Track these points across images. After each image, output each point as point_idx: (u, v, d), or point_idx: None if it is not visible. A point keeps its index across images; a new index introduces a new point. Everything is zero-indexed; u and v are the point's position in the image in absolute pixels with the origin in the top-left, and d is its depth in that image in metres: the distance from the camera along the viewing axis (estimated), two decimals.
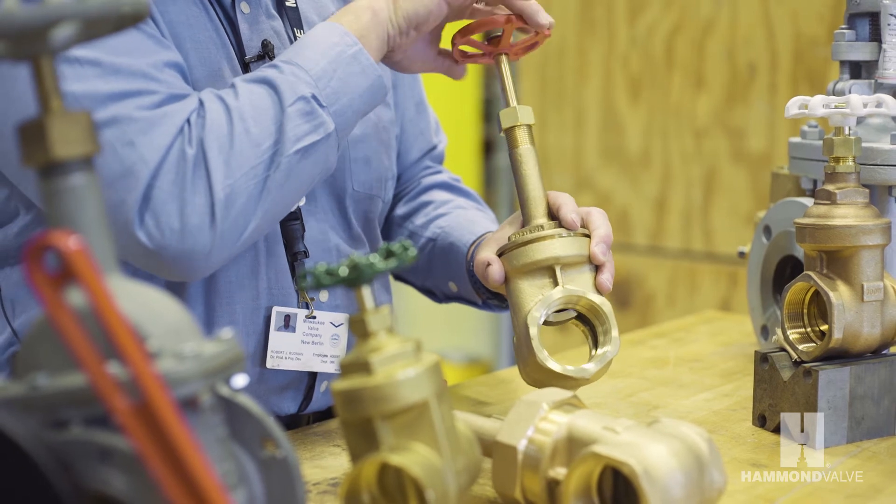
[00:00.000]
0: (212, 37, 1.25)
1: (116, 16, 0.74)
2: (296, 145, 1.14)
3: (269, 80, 1.16)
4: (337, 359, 1.30)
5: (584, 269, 1.20)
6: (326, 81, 1.18)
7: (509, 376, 1.47)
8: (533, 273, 1.19)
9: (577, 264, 1.19)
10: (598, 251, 1.20)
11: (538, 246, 1.19)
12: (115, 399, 0.69)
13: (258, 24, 1.29)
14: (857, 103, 1.17)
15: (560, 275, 1.18)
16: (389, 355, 0.82)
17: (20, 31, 0.70)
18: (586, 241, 1.20)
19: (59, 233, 0.68)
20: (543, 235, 1.19)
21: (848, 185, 1.18)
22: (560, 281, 1.18)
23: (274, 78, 1.17)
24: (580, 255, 1.19)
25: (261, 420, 0.78)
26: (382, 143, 1.40)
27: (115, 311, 0.69)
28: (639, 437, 0.89)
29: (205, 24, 1.24)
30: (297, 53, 1.19)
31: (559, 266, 1.18)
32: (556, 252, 1.18)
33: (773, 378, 1.19)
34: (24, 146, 0.74)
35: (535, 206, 1.23)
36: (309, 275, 0.82)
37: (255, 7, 1.29)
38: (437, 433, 0.83)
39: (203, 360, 0.72)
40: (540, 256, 1.18)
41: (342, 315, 1.30)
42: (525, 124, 1.24)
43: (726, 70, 2.70)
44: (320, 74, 1.18)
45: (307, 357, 1.28)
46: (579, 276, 1.19)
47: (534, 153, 1.24)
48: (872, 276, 1.16)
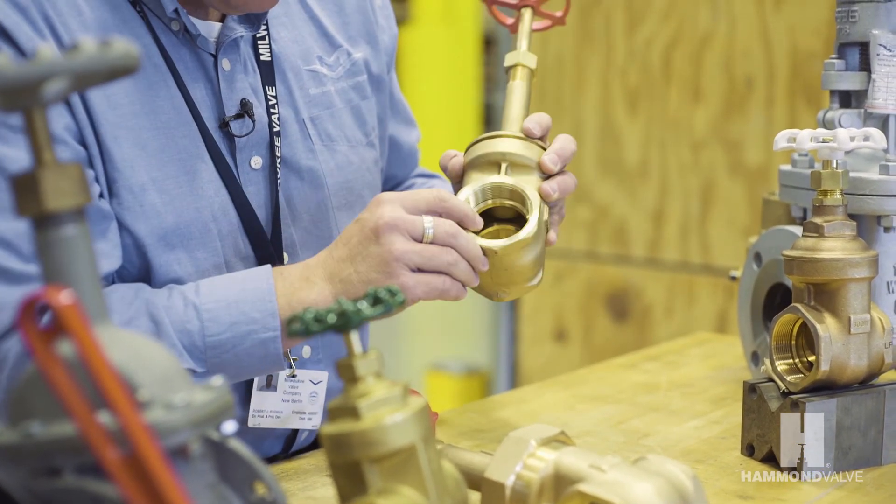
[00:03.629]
0: (175, 103, 1.23)
1: (107, 69, 0.75)
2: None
3: (158, 322, 1.15)
4: (315, 416, 1.32)
5: (533, 175, 1.25)
6: (216, 353, 1.16)
7: (502, 402, 1.48)
8: (482, 166, 1.25)
9: (525, 167, 1.25)
10: (547, 159, 1.24)
11: (489, 142, 1.26)
12: (105, 449, 0.70)
13: (235, 82, 1.28)
14: (844, 138, 1.18)
15: (505, 169, 1.24)
16: (377, 400, 0.83)
17: (12, 86, 0.71)
18: (539, 150, 1.26)
19: (52, 288, 0.70)
20: (498, 134, 1.27)
21: (835, 217, 1.19)
22: (503, 174, 1.24)
23: (162, 322, 1.15)
24: (528, 157, 1.25)
25: (251, 463, 0.80)
26: (367, 185, 1.39)
27: (106, 364, 0.70)
28: (624, 476, 0.90)
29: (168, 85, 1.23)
30: (209, 305, 1.16)
31: (506, 163, 1.24)
32: (502, 148, 1.25)
33: (762, 408, 1.20)
34: (18, 197, 0.75)
35: (510, 123, 1.30)
36: (297, 321, 0.83)
37: (234, 63, 1.28)
38: (425, 476, 0.84)
39: (193, 410, 0.74)
40: (490, 150, 1.25)
41: (322, 373, 1.31)
42: (525, 65, 1.35)
43: (724, 83, 2.71)
44: (214, 344, 1.16)
45: (286, 414, 1.30)
46: (527, 179, 1.24)
47: (526, 90, 1.34)
48: (859, 309, 1.18)
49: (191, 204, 1.22)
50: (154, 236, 1.20)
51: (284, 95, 1.32)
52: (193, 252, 1.22)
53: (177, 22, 1.23)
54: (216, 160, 1.24)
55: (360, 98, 1.40)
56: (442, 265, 1.16)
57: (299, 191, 1.31)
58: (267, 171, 1.28)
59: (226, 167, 1.25)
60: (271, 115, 1.29)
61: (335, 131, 1.36)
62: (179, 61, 1.24)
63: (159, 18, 1.23)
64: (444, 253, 1.16)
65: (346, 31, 1.40)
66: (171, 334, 1.14)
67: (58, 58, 0.71)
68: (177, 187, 1.22)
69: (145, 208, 1.20)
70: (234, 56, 1.27)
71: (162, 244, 1.21)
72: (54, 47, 1.15)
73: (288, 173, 1.30)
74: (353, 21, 1.41)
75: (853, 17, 1.35)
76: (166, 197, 1.21)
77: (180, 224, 1.21)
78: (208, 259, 1.23)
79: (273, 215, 1.29)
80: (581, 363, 2.83)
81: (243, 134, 1.26)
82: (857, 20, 1.35)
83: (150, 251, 1.20)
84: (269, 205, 1.29)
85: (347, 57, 1.39)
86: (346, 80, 1.38)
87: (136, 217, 1.20)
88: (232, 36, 1.26)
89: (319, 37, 1.38)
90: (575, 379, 1.58)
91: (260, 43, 1.30)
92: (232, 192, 1.25)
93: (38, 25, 1.16)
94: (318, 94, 1.35)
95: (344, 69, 1.39)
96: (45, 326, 0.70)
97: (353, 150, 1.37)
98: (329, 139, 1.35)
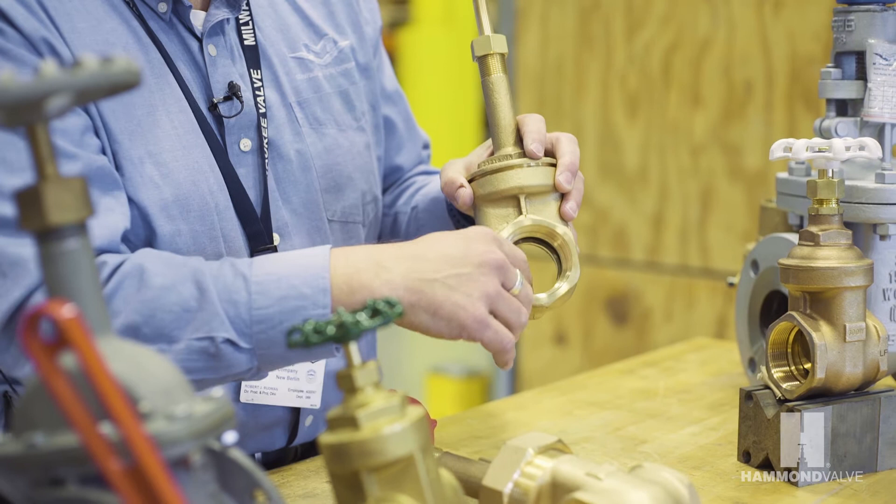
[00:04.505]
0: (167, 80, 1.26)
1: (108, 85, 0.76)
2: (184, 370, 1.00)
3: (203, 289, 1.11)
4: (313, 394, 1.32)
5: (549, 197, 1.24)
6: (262, 329, 1.11)
7: (501, 408, 1.49)
8: (498, 201, 1.23)
9: (542, 193, 1.24)
10: (562, 180, 1.23)
11: (503, 175, 1.23)
12: (107, 460, 0.71)
13: (222, 66, 1.30)
14: (839, 147, 1.19)
15: (525, 204, 1.23)
16: (376, 410, 0.84)
17: (15, 103, 0.72)
18: (551, 171, 1.24)
19: (54, 302, 0.71)
20: (509, 165, 1.23)
21: (831, 226, 1.20)
22: (524, 210, 1.23)
23: (207, 290, 1.11)
24: (545, 184, 1.23)
25: (251, 472, 0.81)
26: (357, 168, 1.41)
27: (108, 376, 0.71)
28: (620, 484, 0.91)
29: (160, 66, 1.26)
30: (259, 277, 1.12)
31: (524, 195, 1.23)
32: (520, 182, 1.23)
33: (758, 415, 1.21)
34: (22, 211, 0.76)
35: (504, 135, 1.27)
36: (297, 332, 0.84)
37: (220, 48, 1.30)
38: (423, 485, 0.85)
39: (194, 421, 0.75)
40: (504, 186, 1.23)
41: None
42: (498, 52, 1.28)
43: (723, 88, 2.72)
44: (261, 318, 1.11)
45: (282, 392, 1.30)
46: (545, 205, 1.24)
47: (505, 82, 1.28)
48: (855, 317, 1.19)
49: (187, 177, 1.25)
50: (156, 206, 1.23)
51: (270, 80, 1.35)
52: (192, 225, 1.24)
53: (164, 2, 1.27)
54: (209, 139, 1.27)
55: (349, 83, 1.43)
56: (515, 322, 1.14)
57: (288, 173, 1.34)
58: (256, 153, 1.31)
59: (218, 146, 1.28)
60: (257, 98, 1.32)
61: (323, 115, 1.38)
62: (168, 45, 1.27)
63: (147, 5, 1.27)
64: (523, 312, 1.14)
65: (331, 20, 1.44)
66: (215, 303, 1.10)
67: (61, 74, 0.72)
68: (173, 160, 1.24)
69: (144, 179, 1.22)
70: (220, 41, 1.30)
71: (164, 215, 1.23)
72: (51, 28, 1.19)
73: (276, 156, 1.33)
74: (338, 11, 1.45)
75: (849, 27, 1.36)
76: (164, 170, 1.24)
77: (179, 196, 1.24)
78: (205, 233, 1.25)
79: (263, 197, 1.31)
80: (581, 367, 2.85)
81: (232, 115, 1.29)
82: (854, 29, 1.36)
83: (153, 221, 1.22)
84: (258, 186, 1.31)
85: (334, 45, 1.42)
86: (333, 67, 1.41)
87: (136, 187, 1.22)
88: (215, 20, 1.29)
89: (305, 26, 1.41)
90: (573, 385, 1.59)
91: (244, 28, 1.33)
92: (224, 172, 1.28)
93: (31, 7, 1.19)
94: (304, 79, 1.38)
95: (331, 56, 1.42)
96: (48, 339, 0.71)
97: (342, 133, 1.40)
98: (317, 122, 1.37)
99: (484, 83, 1.27)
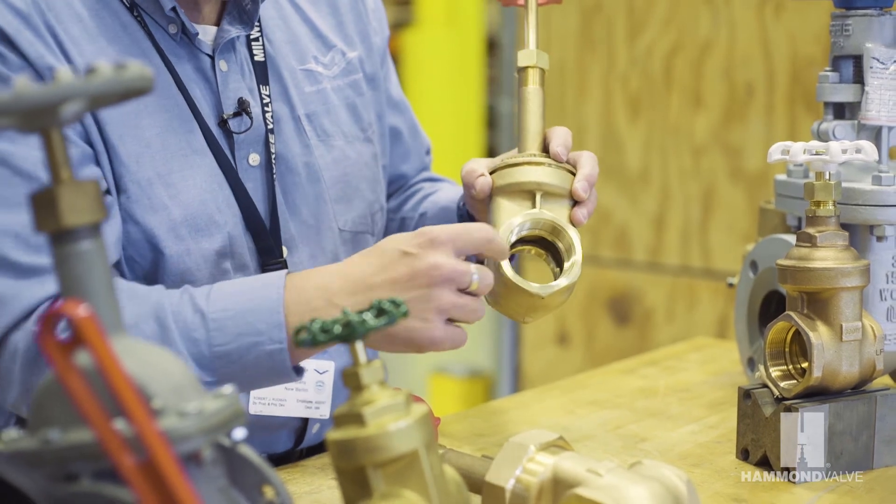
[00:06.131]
0: (175, 101, 1.27)
1: (122, 90, 0.78)
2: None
3: (165, 327, 1.15)
4: (322, 405, 1.34)
5: (564, 201, 1.27)
6: (223, 363, 1.16)
7: (503, 407, 1.51)
8: (515, 194, 1.27)
9: (558, 195, 1.27)
10: (579, 187, 1.26)
11: (524, 169, 1.27)
12: (121, 456, 0.73)
13: (232, 82, 1.32)
14: (836, 150, 1.21)
15: (539, 200, 1.26)
16: (381, 407, 0.86)
17: (31, 109, 0.74)
18: (570, 177, 1.27)
19: (70, 302, 0.73)
20: (532, 161, 1.27)
21: (828, 228, 1.22)
22: (538, 205, 1.25)
23: (168, 328, 1.15)
24: (562, 186, 1.27)
25: (260, 468, 0.83)
26: (365, 179, 1.43)
27: (122, 374, 0.73)
28: (620, 480, 0.93)
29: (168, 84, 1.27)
30: (216, 314, 1.16)
31: (540, 192, 1.26)
32: (539, 177, 1.26)
33: (756, 414, 1.23)
34: (37, 213, 0.78)
35: (531, 140, 1.31)
36: (305, 331, 0.86)
37: (231, 64, 1.32)
38: (427, 480, 0.87)
39: (205, 417, 0.77)
40: (524, 178, 1.26)
41: (328, 362, 1.34)
42: (539, 67, 1.32)
43: (724, 89, 2.74)
44: (221, 354, 1.15)
45: (291, 403, 1.32)
46: (558, 207, 1.27)
47: (541, 94, 1.32)
48: (851, 317, 1.21)
49: (196, 197, 1.27)
50: (163, 228, 1.24)
51: (279, 94, 1.36)
52: (201, 243, 1.26)
53: (175, 24, 1.28)
54: (217, 156, 1.29)
55: (357, 95, 1.44)
56: (473, 320, 1.17)
57: (296, 186, 1.35)
58: (264, 167, 1.33)
59: (227, 163, 1.29)
60: (265, 114, 1.33)
61: (331, 127, 1.40)
62: (178, 63, 1.29)
63: (157, 23, 1.28)
64: (478, 308, 1.16)
65: (340, 31, 1.45)
66: (177, 341, 1.15)
67: (76, 80, 0.75)
68: (182, 181, 1.26)
69: (153, 201, 1.24)
70: (231, 57, 1.32)
71: (172, 236, 1.25)
72: (58, 54, 1.19)
73: (284, 169, 1.35)
74: (347, 22, 1.46)
75: (847, 31, 1.38)
76: (172, 190, 1.25)
77: (188, 216, 1.26)
78: (215, 251, 1.27)
79: (271, 210, 1.33)
80: (583, 367, 2.86)
81: (241, 131, 1.31)
82: (851, 34, 1.38)
83: (160, 243, 1.24)
84: (267, 200, 1.33)
85: (342, 56, 1.44)
86: (341, 79, 1.43)
87: (144, 210, 1.24)
88: (228, 37, 1.30)
89: (314, 38, 1.42)
90: (574, 384, 1.61)
91: (254, 44, 1.35)
92: (233, 187, 1.29)
93: (39, 31, 1.20)
94: (313, 91, 1.39)
95: (339, 68, 1.43)
96: (64, 339, 0.73)
97: (349, 144, 1.41)
98: (325, 134, 1.39)
99: (520, 92, 1.32)
